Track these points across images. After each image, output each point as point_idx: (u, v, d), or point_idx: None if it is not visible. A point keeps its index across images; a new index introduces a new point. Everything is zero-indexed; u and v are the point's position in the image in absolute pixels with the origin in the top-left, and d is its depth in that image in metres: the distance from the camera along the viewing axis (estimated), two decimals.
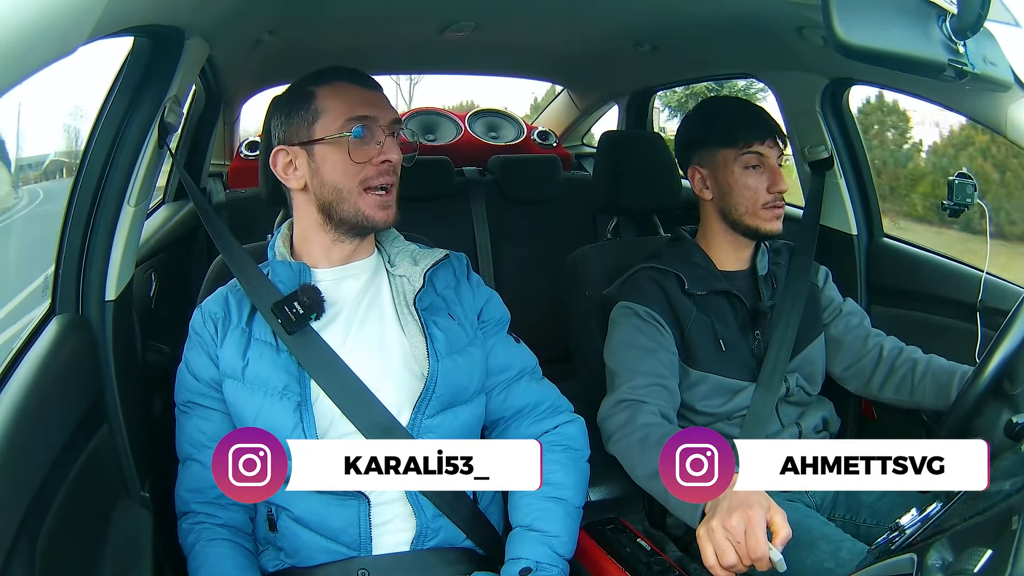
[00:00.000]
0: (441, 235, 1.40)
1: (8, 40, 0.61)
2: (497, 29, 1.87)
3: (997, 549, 0.66)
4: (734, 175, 1.38)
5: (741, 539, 0.94)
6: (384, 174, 1.13)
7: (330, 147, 1.11)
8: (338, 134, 1.11)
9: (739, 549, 0.94)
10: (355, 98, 1.13)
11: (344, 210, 1.13)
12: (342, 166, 1.11)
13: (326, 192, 1.12)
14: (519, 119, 2.88)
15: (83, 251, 1.12)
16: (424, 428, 1.10)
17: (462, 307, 1.19)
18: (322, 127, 1.11)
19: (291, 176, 1.14)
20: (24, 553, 0.80)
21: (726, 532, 0.95)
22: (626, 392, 1.27)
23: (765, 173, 1.37)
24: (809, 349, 1.41)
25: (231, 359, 1.11)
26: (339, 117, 1.11)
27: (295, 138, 1.13)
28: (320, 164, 1.12)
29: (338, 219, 1.13)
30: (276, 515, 1.11)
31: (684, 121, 1.49)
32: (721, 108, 1.48)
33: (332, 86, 1.13)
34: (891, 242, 1.72)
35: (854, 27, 0.85)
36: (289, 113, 1.14)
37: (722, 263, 1.42)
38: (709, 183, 1.41)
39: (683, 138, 1.47)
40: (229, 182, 2.50)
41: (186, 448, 1.14)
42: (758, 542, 0.93)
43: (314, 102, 1.12)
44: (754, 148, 1.37)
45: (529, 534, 1.12)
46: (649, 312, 1.34)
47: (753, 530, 0.93)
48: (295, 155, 1.13)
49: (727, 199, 1.39)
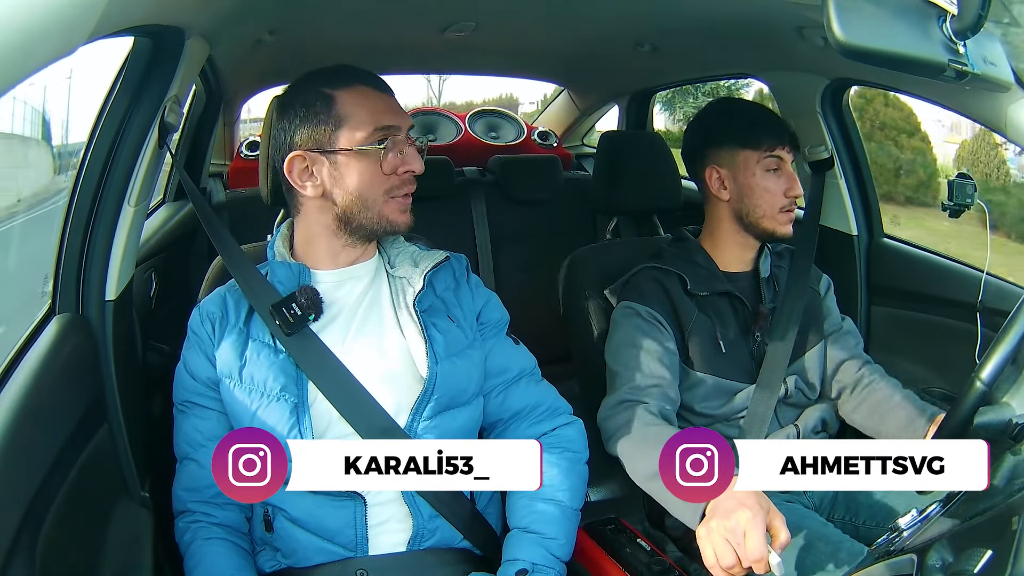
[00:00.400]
0: (441, 235, 1.40)
1: (9, 40, 0.61)
2: (497, 29, 1.87)
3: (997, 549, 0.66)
4: (755, 177, 1.37)
5: (740, 541, 0.94)
6: (407, 183, 1.12)
7: (357, 156, 1.09)
8: (367, 145, 1.09)
9: (738, 551, 0.94)
10: (379, 105, 1.11)
11: (366, 218, 1.11)
12: (369, 176, 1.10)
13: (350, 201, 1.10)
14: (519, 119, 2.88)
15: (83, 251, 1.12)
16: (422, 430, 1.10)
17: (461, 309, 1.19)
18: (347, 135, 1.09)
19: (307, 183, 1.11)
20: (24, 553, 0.80)
21: (726, 533, 0.95)
22: (627, 392, 1.27)
23: (783, 177, 1.37)
24: (810, 354, 1.41)
25: (228, 359, 1.11)
26: (366, 126, 1.09)
27: (315, 144, 1.10)
28: (344, 173, 1.09)
29: (356, 225, 1.12)
30: (272, 515, 1.11)
31: (698, 119, 1.48)
32: (741, 109, 1.47)
33: (354, 90, 1.10)
34: (891, 242, 1.72)
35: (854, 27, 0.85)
36: (306, 117, 1.10)
37: (725, 264, 1.42)
38: (728, 184, 1.39)
39: (699, 136, 1.45)
40: (229, 182, 2.50)
41: (183, 447, 1.14)
42: (756, 544, 0.93)
43: (335, 107, 1.09)
44: (776, 152, 1.36)
45: (526, 536, 1.12)
46: (651, 312, 1.34)
47: (752, 532, 0.93)
48: (314, 161, 1.10)
49: (746, 201, 1.38)
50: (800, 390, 1.40)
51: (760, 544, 0.93)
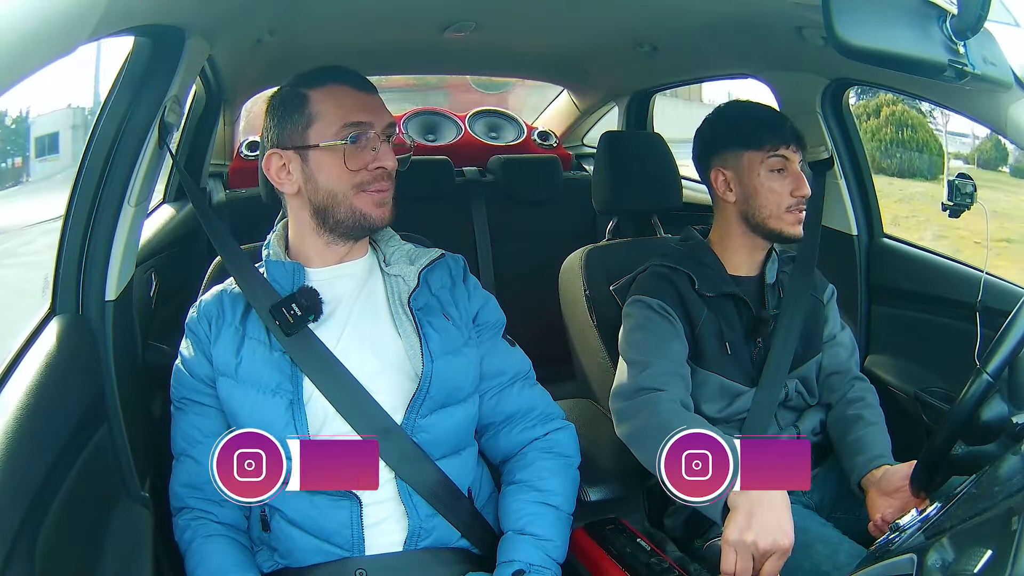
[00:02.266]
0: (441, 235, 1.40)
1: (9, 39, 0.61)
2: (497, 29, 1.87)
3: (997, 549, 0.66)
4: (760, 178, 1.36)
5: (762, 559, 0.99)
6: (378, 179, 1.12)
7: (325, 153, 1.10)
8: (333, 141, 1.10)
9: (755, 564, 1.00)
10: (350, 102, 1.11)
11: (340, 213, 1.12)
12: (336, 172, 1.10)
13: (321, 197, 1.12)
14: (519, 119, 2.88)
15: (83, 251, 1.12)
16: (418, 428, 1.10)
17: (457, 308, 1.19)
18: (316, 132, 1.10)
19: (284, 180, 1.13)
20: (24, 553, 0.80)
21: (755, 548, 0.99)
22: (644, 380, 1.27)
23: (789, 177, 1.36)
24: (810, 363, 1.42)
25: (225, 357, 1.11)
26: (334, 123, 1.10)
27: (288, 142, 1.11)
28: (315, 169, 1.11)
29: (333, 222, 1.13)
30: (269, 515, 1.12)
31: (706, 123, 1.48)
32: (746, 111, 1.47)
33: (326, 89, 1.12)
34: (891, 242, 1.72)
35: (854, 27, 0.85)
36: (282, 116, 1.12)
37: (733, 268, 1.41)
38: (733, 185, 1.39)
39: (705, 138, 1.46)
40: (229, 182, 2.50)
41: (180, 444, 1.15)
42: (775, 571, 0.99)
43: (307, 106, 1.11)
44: (780, 152, 1.36)
45: (522, 538, 1.12)
46: (662, 305, 1.35)
47: (777, 561, 0.99)
48: (288, 159, 1.12)
49: (751, 202, 1.38)
50: (800, 394, 1.40)
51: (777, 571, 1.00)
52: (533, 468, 1.17)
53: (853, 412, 1.37)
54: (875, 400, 1.42)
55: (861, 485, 1.27)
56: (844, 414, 1.38)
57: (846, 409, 1.39)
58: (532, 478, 1.16)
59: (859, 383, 1.44)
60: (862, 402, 1.40)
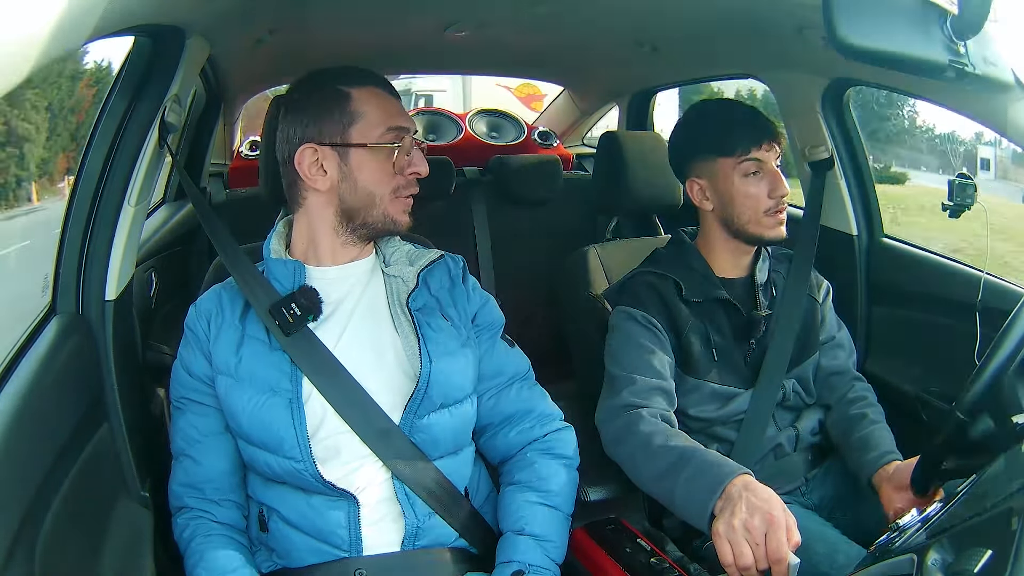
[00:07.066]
0: (441, 235, 1.40)
1: (9, 39, 0.61)
2: (498, 29, 1.87)
3: (997, 549, 0.66)
4: (734, 185, 1.33)
5: (760, 540, 0.93)
6: (411, 185, 1.14)
7: (369, 153, 1.10)
8: (380, 142, 1.10)
9: (757, 551, 0.93)
10: (392, 107, 1.13)
11: (372, 215, 1.12)
12: (379, 173, 1.11)
13: (358, 196, 1.11)
14: (519, 119, 2.88)
15: (83, 251, 1.12)
16: (416, 428, 1.10)
17: (456, 308, 1.19)
18: (360, 132, 1.10)
19: (316, 176, 1.11)
20: (24, 553, 0.80)
21: (747, 532, 0.94)
22: (627, 396, 1.26)
23: (765, 179, 1.33)
24: (807, 363, 1.41)
25: (224, 355, 1.11)
26: (379, 124, 1.10)
27: (327, 138, 1.10)
28: (355, 168, 1.10)
29: (360, 222, 1.13)
30: (267, 516, 1.12)
31: (675, 131, 1.45)
32: (712, 114, 1.43)
33: (368, 90, 1.12)
34: (891, 242, 1.72)
35: (854, 27, 0.85)
36: (319, 112, 1.10)
37: (721, 270, 1.40)
38: (709, 194, 1.37)
39: (676, 149, 1.44)
40: (229, 182, 2.50)
41: (179, 443, 1.15)
42: (780, 544, 0.92)
43: (350, 104, 1.10)
44: (752, 155, 1.32)
45: (521, 538, 1.12)
46: (646, 317, 1.33)
47: (775, 533, 0.93)
48: (325, 155, 1.10)
49: (728, 209, 1.35)
50: (798, 394, 1.39)
51: (783, 544, 0.92)
52: (533, 469, 1.17)
53: (856, 411, 1.37)
54: (875, 399, 1.41)
55: (872, 482, 1.25)
56: (847, 413, 1.38)
57: (848, 408, 1.38)
58: (531, 479, 1.16)
59: (859, 383, 1.43)
60: (864, 401, 1.39)
